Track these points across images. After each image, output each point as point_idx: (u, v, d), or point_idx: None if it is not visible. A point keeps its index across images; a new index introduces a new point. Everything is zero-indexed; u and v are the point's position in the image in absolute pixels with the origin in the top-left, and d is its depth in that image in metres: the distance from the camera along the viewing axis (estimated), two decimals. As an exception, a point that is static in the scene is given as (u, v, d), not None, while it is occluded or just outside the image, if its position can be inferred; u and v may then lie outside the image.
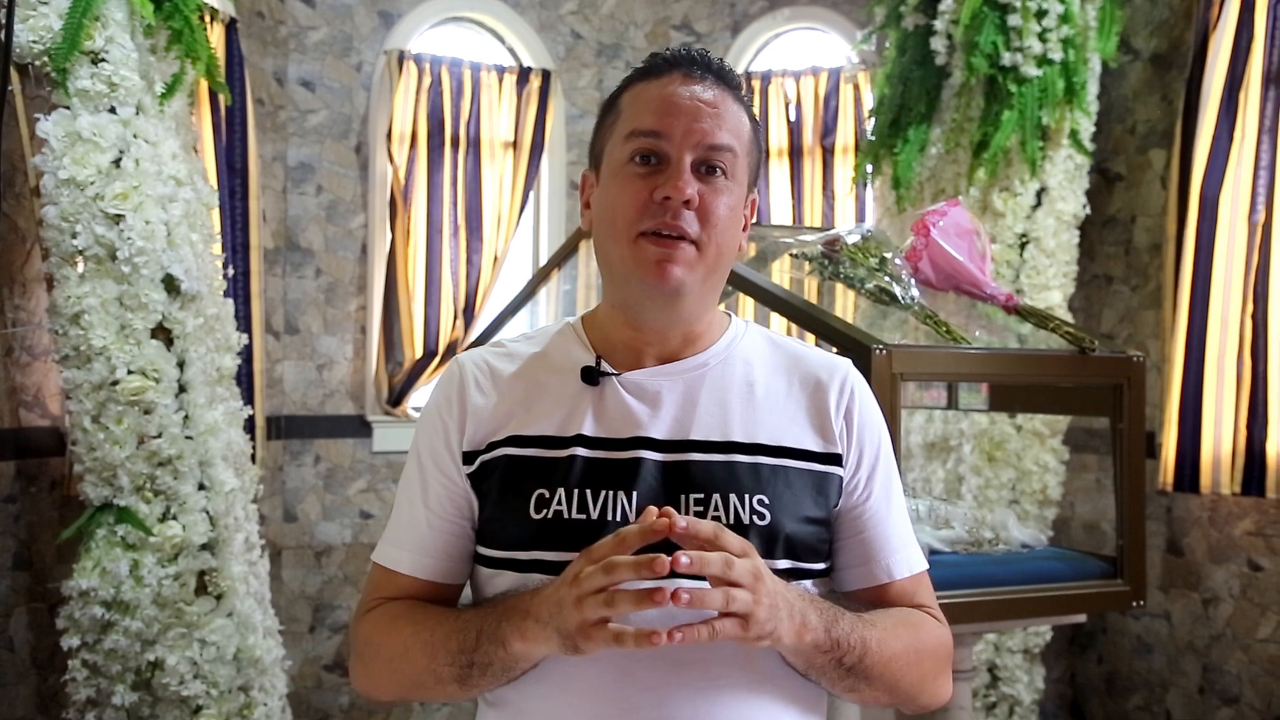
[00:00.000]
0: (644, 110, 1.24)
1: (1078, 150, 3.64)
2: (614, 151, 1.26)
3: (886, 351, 2.03)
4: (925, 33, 3.74)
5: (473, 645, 1.17)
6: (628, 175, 1.23)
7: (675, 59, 1.26)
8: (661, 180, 1.21)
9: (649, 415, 1.25)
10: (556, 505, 1.21)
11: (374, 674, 1.28)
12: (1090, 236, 3.88)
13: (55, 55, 2.62)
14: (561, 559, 1.17)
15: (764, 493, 1.22)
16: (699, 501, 1.21)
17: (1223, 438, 3.44)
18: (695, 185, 1.21)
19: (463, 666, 1.18)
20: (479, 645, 1.17)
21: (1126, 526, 2.30)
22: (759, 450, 1.25)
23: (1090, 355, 2.30)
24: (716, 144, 1.23)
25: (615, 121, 1.27)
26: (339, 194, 4.69)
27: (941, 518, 2.35)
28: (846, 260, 2.40)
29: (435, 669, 1.20)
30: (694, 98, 1.23)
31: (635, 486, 1.21)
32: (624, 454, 1.23)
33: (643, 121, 1.23)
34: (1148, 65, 3.92)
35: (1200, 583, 3.68)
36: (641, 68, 1.29)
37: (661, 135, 1.22)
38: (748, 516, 1.21)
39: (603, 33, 5.25)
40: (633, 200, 1.22)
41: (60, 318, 2.69)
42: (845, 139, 4.89)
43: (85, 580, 2.68)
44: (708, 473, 1.22)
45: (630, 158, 1.23)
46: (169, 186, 2.76)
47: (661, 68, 1.26)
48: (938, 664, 1.31)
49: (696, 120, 1.22)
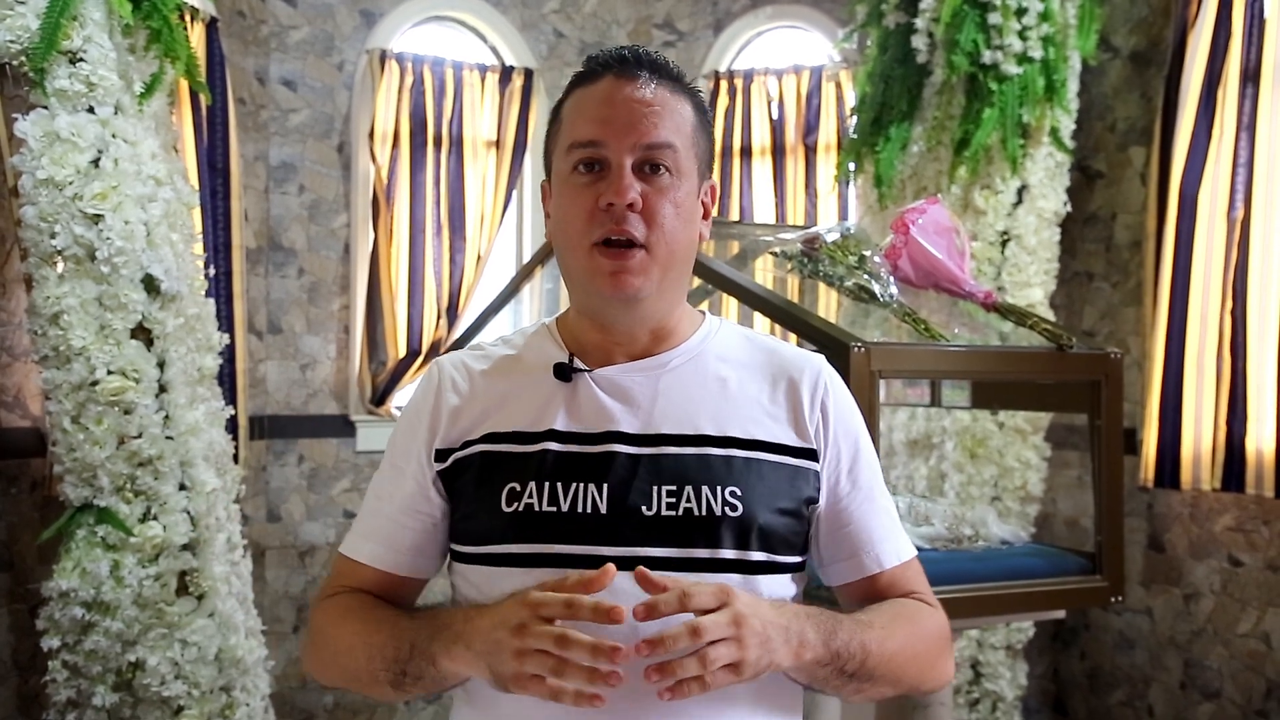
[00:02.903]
0: (581, 119, 1.25)
1: (1058, 148, 3.65)
2: (559, 163, 1.28)
3: (865, 349, 2.04)
4: (906, 31, 3.75)
5: (406, 656, 1.21)
6: (573, 186, 1.25)
7: (607, 61, 1.26)
8: (604, 187, 1.22)
9: (621, 410, 1.27)
10: (527, 498, 1.22)
11: (322, 661, 1.33)
12: (1071, 234, 3.90)
13: (33, 55, 2.61)
14: (532, 551, 1.20)
15: (737, 484, 1.23)
16: (671, 493, 1.21)
17: (1203, 433, 3.45)
18: (638, 187, 1.21)
19: (396, 674, 1.22)
20: (411, 657, 1.21)
21: (1105, 522, 2.32)
22: (731, 443, 1.25)
23: (1068, 352, 2.31)
24: (655, 142, 1.22)
25: (559, 132, 1.29)
26: (321, 193, 4.68)
27: (922, 514, 2.36)
28: (826, 258, 2.41)
29: (373, 670, 1.25)
30: (628, 100, 1.23)
31: (607, 478, 1.22)
32: (596, 448, 1.24)
33: (580, 131, 1.24)
34: (1127, 63, 3.94)
35: (1181, 578, 3.70)
36: (579, 73, 1.29)
37: (599, 144, 1.22)
38: (720, 508, 1.21)
39: (585, 31, 5.24)
40: (580, 211, 1.23)
41: (39, 318, 2.67)
42: (827, 137, 4.90)
43: (65, 581, 2.67)
44: (680, 465, 1.23)
45: (573, 168, 1.24)
46: (148, 186, 2.75)
47: (597, 72, 1.26)
48: (939, 650, 1.32)
49: (633, 122, 1.22)
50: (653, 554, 1.19)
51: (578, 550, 1.20)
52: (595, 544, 1.20)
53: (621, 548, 1.19)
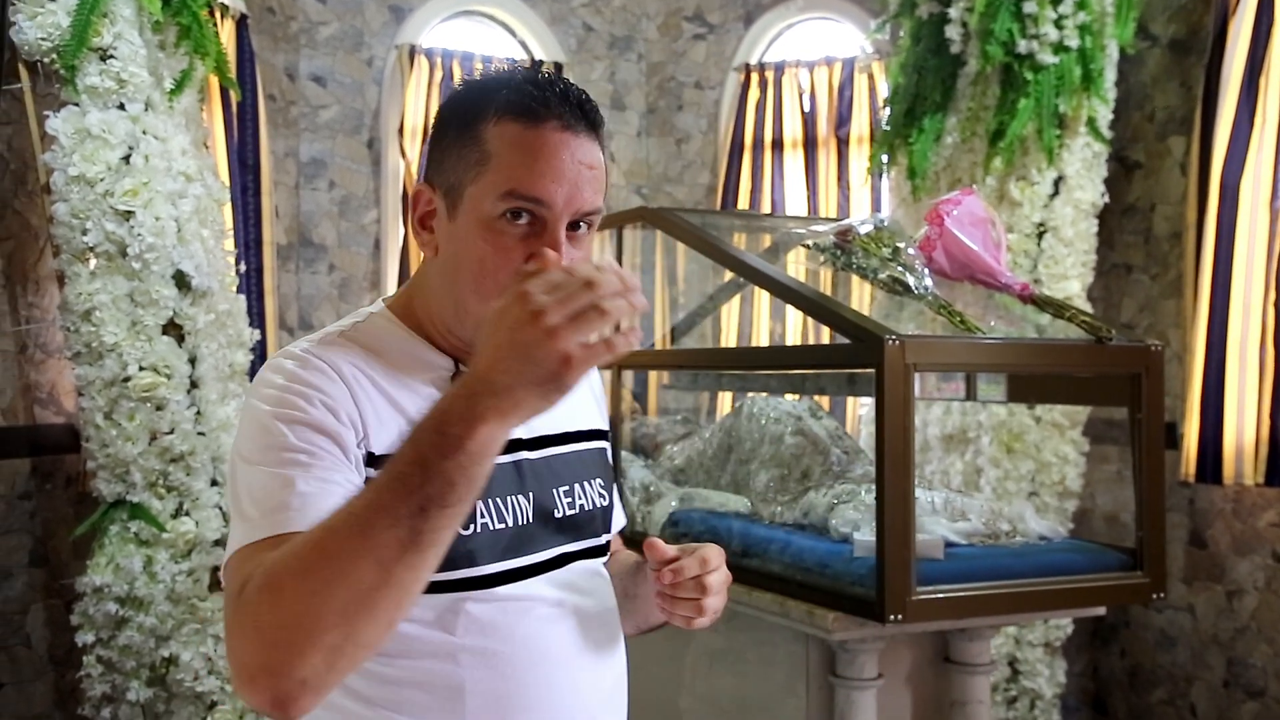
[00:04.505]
0: (524, 169, 1.13)
1: (1095, 138, 3.59)
2: (483, 201, 1.14)
3: (900, 342, 2.00)
4: (940, 21, 3.70)
5: (418, 481, 0.92)
6: (500, 233, 1.14)
7: (547, 102, 1.15)
8: (535, 244, 1.13)
9: None
10: (481, 518, 1.16)
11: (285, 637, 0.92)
12: (1109, 225, 3.84)
13: (64, 52, 2.62)
14: (494, 570, 1.16)
15: (599, 474, 1.32)
16: (567, 493, 1.26)
17: (1245, 428, 3.39)
18: (566, 248, 1.15)
19: (412, 519, 0.91)
20: (426, 475, 0.92)
21: (1146, 517, 2.27)
22: (584, 436, 1.32)
23: (1108, 345, 2.26)
24: (592, 209, 1.17)
25: (483, 162, 1.15)
26: (351, 189, 4.68)
27: (958, 510, 2.32)
28: (859, 251, 2.37)
29: (375, 550, 0.91)
30: (575, 162, 1.15)
31: (526, 489, 1.22)
32: (509, 458, 1.20)
33: (523, 183, 1.13)
34: (1166, 51, 3.87)
35: (1224, 575, 3.64)
36: (513, 102, 1.15)
37: (543, 204, 1.13)
38: (593, 501, 1.29)
39: (614, 25, 5.22)
40: (505, 262, 1.13)
41: (71, 314, 2.69)
42: (860, 129, 4.85)
43: (99, 577, 2.68)
44: (565, 464, 1.27)
45: (503, 214, 1.13)
46: (179, 182, 2.76)
47: (538, 112, 1.14)
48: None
49: (578, 187, 1.14)
50: (569, 549, 1.25)
51: (516, 563, 1.19)
52: (529, 553, 1.21)
53: (545, 552, 1.22)
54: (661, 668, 2.63)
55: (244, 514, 1.07)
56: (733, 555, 2.40)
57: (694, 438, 2.98)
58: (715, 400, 4.44)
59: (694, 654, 2.57)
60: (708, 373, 3.49)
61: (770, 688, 2.39)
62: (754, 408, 2.72)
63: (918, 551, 2.02)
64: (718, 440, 2.79)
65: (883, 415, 2.00)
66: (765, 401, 2.74)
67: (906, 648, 2.35)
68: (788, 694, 2.33)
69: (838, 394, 3.83)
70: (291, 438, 1.08)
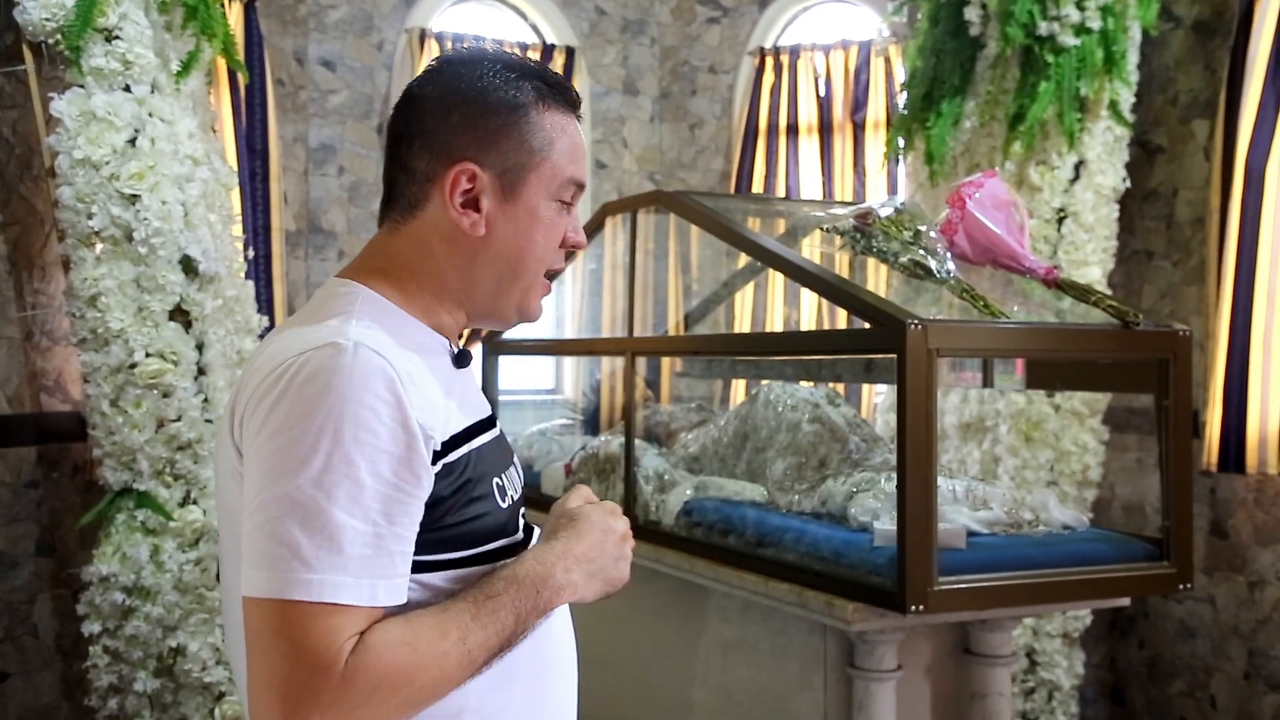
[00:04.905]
0: (577, 160, 1.23)
1: (1117, 122, 3.53)
2: (548, 186, 1.20)
3: (922, 326, 1.95)
4: (958, 3, 3.64)
5: (511, 631, 1.07)
6: (550, 218, 1.21)
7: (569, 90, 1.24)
8: (568, 225, 1.24)
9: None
10: (511, 490, 1.22)
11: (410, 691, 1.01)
12: (1130, 210, 3.78)
13: (68, 33, 2.58)
14: (519, 539, 1.21)
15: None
16: (518, 471, 1.28)
17: (1269, 416, 3.34)
18: None
19: (502, 650, 1.07)
20: (519, 628, 1.08)
21: (1172, 506, 2.21)
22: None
23: (1134, 330, 2.21)
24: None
25: (546, 148, 1.18)
26: (361, 175, 4.64)
27: (979, 498, 2.27)
28: (879, 234, 2.32)
29: (469, 651, 1.04)
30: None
31: (513, 461, 1.27)
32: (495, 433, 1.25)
33: (579, 171, 1.22)
34: (1190, 33, 3.80)
35: (1246, 565, 3.58)
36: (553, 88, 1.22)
37: (581, 190, 1.25)
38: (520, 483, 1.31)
39: (627, 8, 5.16)
40: (552, 245, 1.22)
41: (77, 300, 2.65)
42: (876, 114, 4.79)
43: (105, 566, 2.65)
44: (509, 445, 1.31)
45: (565, 200, 1.22)
46: (185, 166, 2.71)
47: (575, 101, 1.25)
48: None
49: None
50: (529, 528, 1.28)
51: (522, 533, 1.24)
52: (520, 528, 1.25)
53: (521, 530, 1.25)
54: (675, 659, 2.60)
55: (315, 557, 0.98)
56: (748, 545, 2.37)
57: (709, 425, 2.93)
58: (729, 388, 4.39)
59: (708, 645, 2.53)
60: (722, 360, 3.44)
61: (786, 679, 2.35)
62: (770, 394, 2.68)
63: (939, 541, 1.98)
64: (733, 428, 2.75)
65: (904, 402, 1.95)
66: (782, 388, 2.70)
67: (926, 639, 2.32)
68: (804, 686, 2.29)
69: (854, 381, 3.79)
70: (372, 483, 1.01)
